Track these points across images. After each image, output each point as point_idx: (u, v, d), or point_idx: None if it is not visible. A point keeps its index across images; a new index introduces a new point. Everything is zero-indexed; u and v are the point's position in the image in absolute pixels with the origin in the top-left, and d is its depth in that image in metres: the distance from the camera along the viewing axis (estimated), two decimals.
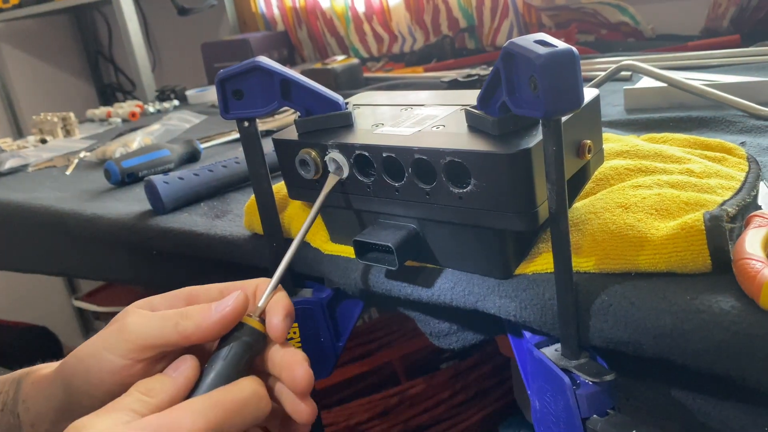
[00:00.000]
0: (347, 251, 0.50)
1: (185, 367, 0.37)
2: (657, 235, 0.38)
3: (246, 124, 0.48)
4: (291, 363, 0.39)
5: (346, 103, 0.49)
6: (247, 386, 0.36)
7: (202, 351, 0.40)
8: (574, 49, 0.32)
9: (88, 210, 0.74)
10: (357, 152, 0.44)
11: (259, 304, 0.40)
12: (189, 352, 0.38)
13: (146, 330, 0.38)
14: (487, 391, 1.14)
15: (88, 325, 2.18)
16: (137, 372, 0.38)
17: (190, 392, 0.36)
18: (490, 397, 1.14)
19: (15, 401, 0.45)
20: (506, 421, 1.10)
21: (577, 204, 0.46)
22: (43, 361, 0.48)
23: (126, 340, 0.38)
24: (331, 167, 0.45)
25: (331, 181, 0.45)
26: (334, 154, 0.45)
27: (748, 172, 0.47)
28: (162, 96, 1.59)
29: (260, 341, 0.39)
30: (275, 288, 0.41)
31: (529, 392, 0.44)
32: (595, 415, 0.38)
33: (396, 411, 1.12)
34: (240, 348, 0.38)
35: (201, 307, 0.39)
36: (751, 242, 0.36)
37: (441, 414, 1.11)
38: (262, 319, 0.39)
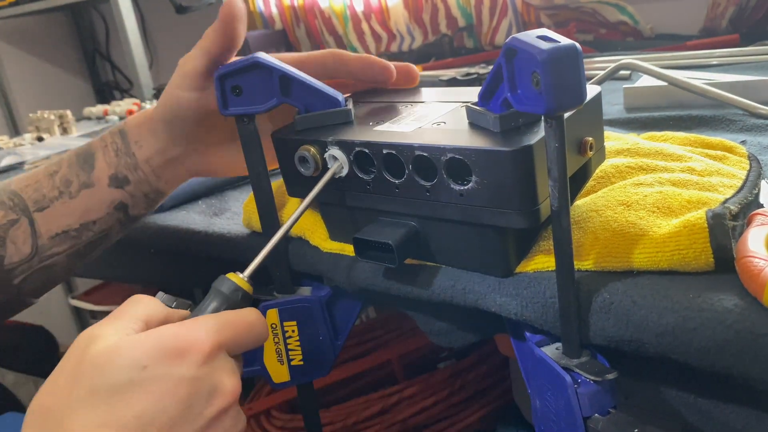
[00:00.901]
0: (347, 249, 0.49)
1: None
2: (659, 233, 0.38)
3: (245, 120, 0.48)
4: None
5: (346, 100, 0.48)
6: (252, 312, 0.39)
7: None
8: (577, 44, 0.32)
9: None
10: (357, 149, 0.43)
11: (248, 271, 0.41)
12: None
13: (191, 57, 0.49)
14: (486, 391, 1.14)
15: (85, 324, 2.17)
16: (203, 100, 0.50)
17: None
18: (488, 396, 1.13)
19: (126, 144, 0.53)
20: (505, 421, 1.09)
21: (579, 202, 0.46)
22: (41, 361, 0.51)
23: (184, 75, 0.49)
24: (331, 164, 0.45)
25: (328, 174, 0.44)
26: (334, 151, 0.44)
27: (749, 171, 0.47)
28: (159, 94, 1.58)
29: (246, 300, 0.41)
30: (267, 253, 0.42)
31: (529, 391, 0.43)
32: (596, 414, 0.38)
33: (394, 410, 1.11)
34: (226, 303, 0.40)
35: (211, 29, 0.48)
36: (753, 240, 0.35)
37: (439, 413, 1.11)
38: (250, 281, 0.41)
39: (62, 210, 0.54)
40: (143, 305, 0.38)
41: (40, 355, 1.78)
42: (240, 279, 0.40)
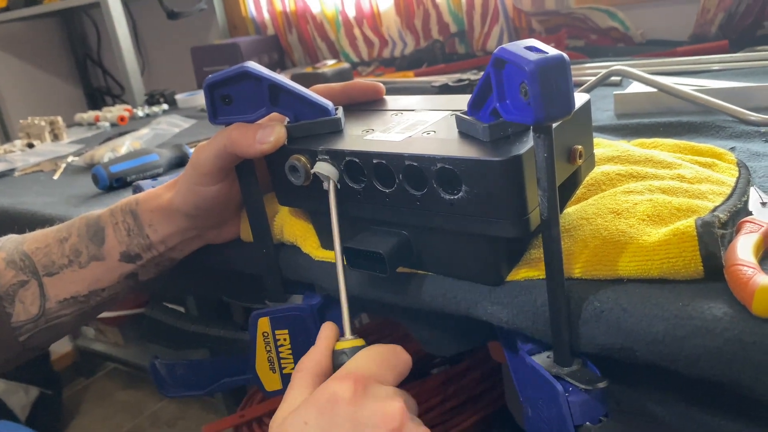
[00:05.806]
0: None
1: (327, 330, 0.44)
2: (649, 241, 0.38)
3: None
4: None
5: (336, 109, 0.48)
6: (387, 345, 0.41)
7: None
8: (564, 55, 0.32)
9: (75, 215, 0.72)
10: (347, 159, 0.43)
11: (347, 335, 0.44)
12: None
13: (208, 158, 0.48)
14: (479, 397, 1.14)
15: (78, 330, 2.15)
16: (225, 189, 0.50)
17: None
18: (481, 402, 1.13)
19: (139, 227, 0.54)
20: (498, 427, 1.09)
21: (569, 209, 0.46)
22: (32, 370, 0.51)
23: (200, 174, 0.49)
24: (322, 174, 0.45)
25: (332, 189, 0.44)
26: (324, 161, 0.44)
27: (738, 178, 0.47)
28: (151, 100, 1.58)
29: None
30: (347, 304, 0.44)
31: (521, 399, 0.43)
32: (587, 423, 0.38)
33: None
34: None
35: (243, 134, 0.46)
36: (742, 248, 0.36)
37: (432, 419, 1.10)
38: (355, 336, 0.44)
39: (72, 277, 0.54)
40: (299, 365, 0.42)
41: (31, 363, 1.77)
42: (351, 341, 0.42)
